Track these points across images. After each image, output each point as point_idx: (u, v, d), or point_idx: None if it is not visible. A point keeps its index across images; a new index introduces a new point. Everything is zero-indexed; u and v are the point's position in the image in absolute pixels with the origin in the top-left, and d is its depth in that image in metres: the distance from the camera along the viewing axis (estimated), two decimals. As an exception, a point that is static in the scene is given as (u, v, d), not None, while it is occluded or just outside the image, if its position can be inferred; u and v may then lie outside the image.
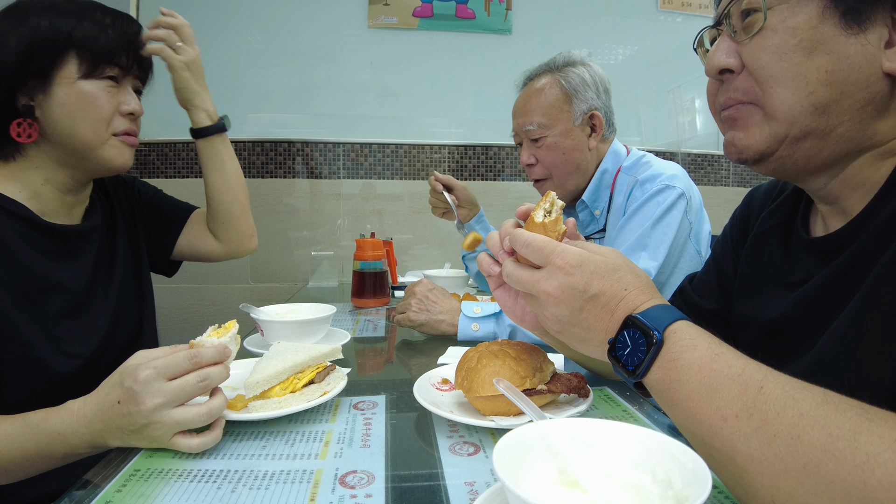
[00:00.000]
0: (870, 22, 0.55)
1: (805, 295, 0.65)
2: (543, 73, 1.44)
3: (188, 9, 2.30)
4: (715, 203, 2.47)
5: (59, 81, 0.92)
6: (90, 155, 0.96)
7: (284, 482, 0.58)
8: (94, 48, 0.92)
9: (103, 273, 1.06)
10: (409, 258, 2.42)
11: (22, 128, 0.91)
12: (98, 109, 0.94)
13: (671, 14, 2.53)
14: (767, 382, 0.44)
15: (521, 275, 0.59)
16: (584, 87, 1.39)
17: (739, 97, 0.63)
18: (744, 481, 0.43)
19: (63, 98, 0.92)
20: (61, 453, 0.69)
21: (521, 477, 0.44)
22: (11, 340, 0.86)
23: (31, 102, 0.92)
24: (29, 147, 0.94)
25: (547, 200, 0.64)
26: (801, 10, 0.57)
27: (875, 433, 0.37)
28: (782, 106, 0.59)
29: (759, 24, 0.59)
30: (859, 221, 0.60)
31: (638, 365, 0.52)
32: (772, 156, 0.62)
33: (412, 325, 1.23)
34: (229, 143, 1.24)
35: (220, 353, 0.68)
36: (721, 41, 0.64)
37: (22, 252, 0.90)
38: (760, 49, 0.59)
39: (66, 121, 0.92)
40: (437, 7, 2.39)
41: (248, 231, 1.28)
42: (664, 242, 1.24)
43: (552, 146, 1.40)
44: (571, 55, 1.43)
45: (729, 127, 0.65)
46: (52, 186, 0.97)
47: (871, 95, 0.56)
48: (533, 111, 1.41)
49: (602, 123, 1.41)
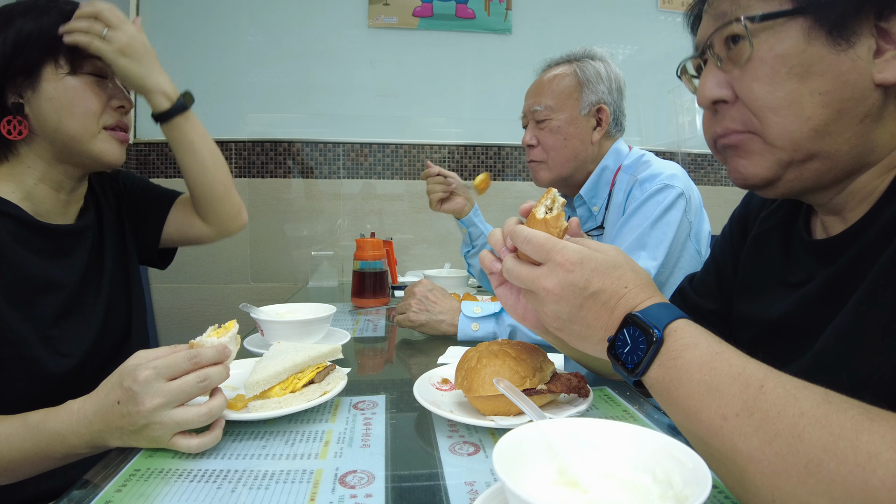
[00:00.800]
0: (856, 35, 0.54)
1: (806, 295, 0.65)
2: (563, 62, 1.47)
3: (188, 9, 2.32)
4: (715, 203, 2.46)
5: (46, 77, 0.92)
6: (81, 150, 0.95)
7: (284, 482, 0.58)
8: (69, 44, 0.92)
9: (94, 270, 1.06)
10: (409, 258, 2.42)
11: (12, 125, 0.91)
12: (86, 103, 0.94)
13: (671, 14, 2.53)
14: (768, 381, 0.44)
15: (521, 271, 0.59)
16: (597, 79, 1.41)
17: (737, 127, 0.61)
18: (744, 480, 0.43)
19: (51, 93, 0.92)
20: (61, 453, 0.69)
21: (521, 477, 0.44)
22: (6, 340, 0.87)
23: (20, 100, 0.92)
24: (20, 146, 0.94)
25: (548, 197, 0.63)
26: (786, 35, 0.56)
27: (877, 433, 0.37)
28: (783, 134, 0.58)
29: (746, 54, 0.58)
30: (860, 225, 0.60)
31: (637, 363, 0.52)
32: (779, 180, 0.61)
33: (412, 326, 1.23)
34: (197, 122, 1.13)
35: (220, 354, 0.68)
36: (709, 72, 0.63)
37: (14, 252, 0.90)
38: (752, 80, 0.58)
39: (54, 115, 0.92)
40: (437, 7, 2.39)
41: (234, 209, 1.23)
42: (663, 242, 1.24)
43: (554, 129, 1.42)
44: (593, 49, 1.46)
45: (731, 155, 0.64)
46: (46, 185, 0.97)
47: (866, 108, 0.56)
48: (543, 94, 1.44)
49: (608, 118, 1.42)
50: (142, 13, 2.24)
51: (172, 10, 2.30)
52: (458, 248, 2.46)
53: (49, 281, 0.95)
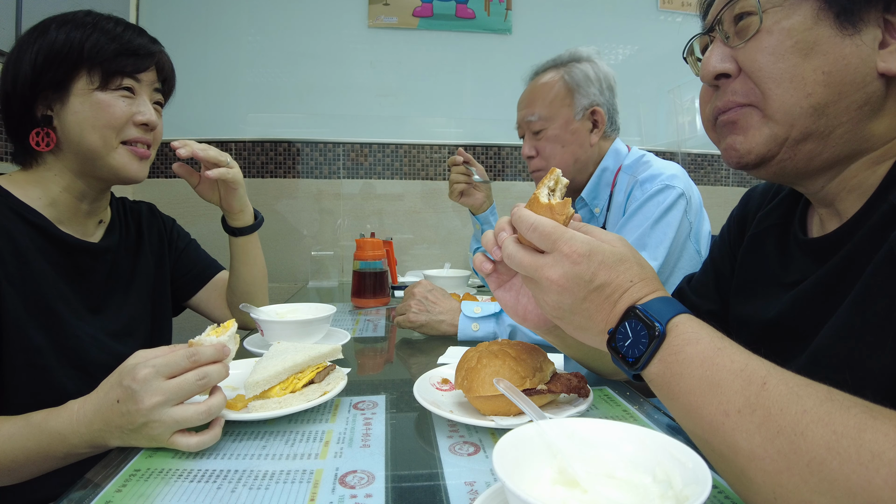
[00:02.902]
0: (863, 23, 0.55)
1: (801, 294, 0.65)
2: (550, 68, 1.47)
3: (188, 9, 2.31)
4: (715, 203, 2.46)
5: (75, 92, 0.94)
6: (100, 163, 0.97)
7: (284, 482, 0.58)
8: (102, 59, 0.94)
9: (116, 293, 1.08)
10: (409, 258, 2.42)
11: (40, 136, 0.94)
12: (108, 117, 0.95)
13: (671, 14, 2.53)
14: (770, 378, 0.43)
15: (524, 259, 0.57)
16: (587, 82, 1.41)
17: (738, 100, 0.62)
18: (745, 478, 0.43)
19: (77, 107, 0.94)
20: (62, 453, 0.69)
21: (521, 477, 0.44)
22: (21, 348, 0.87)
23: (49, 112, 0.95)
24: (47, 156, 0.97)
25: (552, 178, 0.61)
26: (795, 12, 0.57)
27: (880, 431, 0.37)
28: (782, 107, 0.59)
29: (754, 28, 0.59)
30: (854, 222, 0.60)
31: (638, 357, 0.51)
32: (773, 159, 0.62)
33: (412, 326, 1.23)
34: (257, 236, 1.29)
35: (219, 352, 0.68)
36: (715, 47, 0.64)
37: (36, 260, 0.92)
38: (757, 51, 0.59)
39: (76, 129, 0.94)
40: (437, 7, 2.39)
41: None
42: (664, 242, 1.25)
43: (552, 138, 1.42)
44: (578, 51, 1.45)
45: (728, 132, 0.65)
46: (70, 195, 0.99)
47: (866, 96, 0.56)
48: (535, 103, 1.44)
49: (604, 119, 1.42)
50: (142, 13, 2.24)
51: (172, 10, 2.30)
52: (458, 248, 2.47)
53: (62, 296, 0.96)
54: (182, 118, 2.31)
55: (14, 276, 0.88)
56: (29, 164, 0.97)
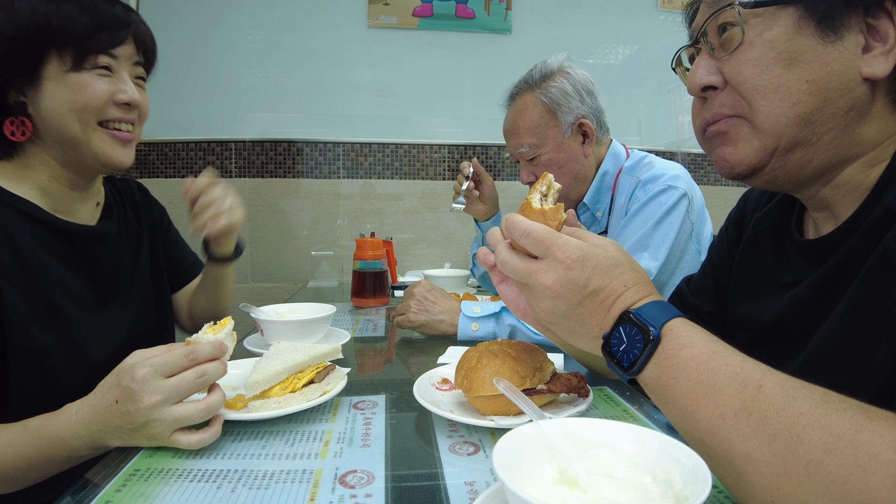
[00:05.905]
0: (845, 28, 0.56)
1: (797, 296, 0.65)
2: (524, 90, 1.43)
3: (188, 9, 2.31)
4: (715, 203, 2.45)
5: (47, 76, 0.86)
6: (83, 151, 0.90)
7: (284, 482, 0.57)
8: (73, 37, 0.86)
9: (123, 282, 1.04)
10: (409, 258, 2.42)
11: (15, 125, 0.87)
12: (87, 99, 0.87)
13: (671, 14, 2.52)
14: (766, 381, 0.43)
15: (518, 265, 0.57)
16: (566, 98, 1.38)
17: (726, 111, 0.63)
18: (742, 481, 0.43)
19: (52, 92, 0.86)
20: (63, 457, 0.69)
21: (520, 477, 0.44)
22: (27, 351, 0.83)
23: (22, 98, 0.87)
24: (27, 145, 0.91)
25: (543, 183, 0.61)
26: (776, 23, 0.58)
27: (876, 433, 0.37)
28: (769, 118, 0.59)
29: (737, 39, 0.60)
30: (849, 224, 0.60)
31: (633, 361, 0.51)
32: (763, 169, 0.62)
33: (412, 326, 1.23)
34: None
35: (217, 350, 0.68)
36: (701, 59, 0.64)
37: (36, 257, 0.87)
38: (741, 63, 0.60)
39: (54, 115, 0.87)
40: (437, 7, 2.39)
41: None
42: (665, 243, 1.25)
43: (548, 163, 1.40)
44: (548, 65, 1.42)
45: (718, 143, 0.65)
46: (59, 183, 0.93)
47: (852, 101, 0.57)
48: (521, 133, 1.41)
49: (592, 129, 1.40)
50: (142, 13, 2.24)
51: (173, 10, 2.30)
52: (458, 248, 2.47)
53: (70, 289, 0.92)
54: (182, 118, 2.31)
55: (15, 276, 0.83)
56: (10, 154, 0.90)
